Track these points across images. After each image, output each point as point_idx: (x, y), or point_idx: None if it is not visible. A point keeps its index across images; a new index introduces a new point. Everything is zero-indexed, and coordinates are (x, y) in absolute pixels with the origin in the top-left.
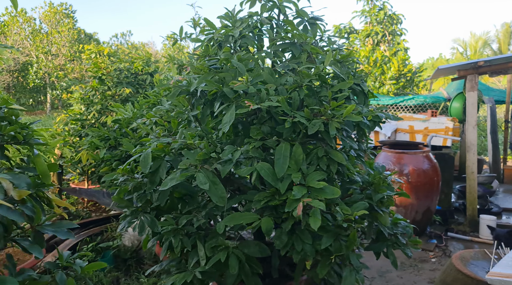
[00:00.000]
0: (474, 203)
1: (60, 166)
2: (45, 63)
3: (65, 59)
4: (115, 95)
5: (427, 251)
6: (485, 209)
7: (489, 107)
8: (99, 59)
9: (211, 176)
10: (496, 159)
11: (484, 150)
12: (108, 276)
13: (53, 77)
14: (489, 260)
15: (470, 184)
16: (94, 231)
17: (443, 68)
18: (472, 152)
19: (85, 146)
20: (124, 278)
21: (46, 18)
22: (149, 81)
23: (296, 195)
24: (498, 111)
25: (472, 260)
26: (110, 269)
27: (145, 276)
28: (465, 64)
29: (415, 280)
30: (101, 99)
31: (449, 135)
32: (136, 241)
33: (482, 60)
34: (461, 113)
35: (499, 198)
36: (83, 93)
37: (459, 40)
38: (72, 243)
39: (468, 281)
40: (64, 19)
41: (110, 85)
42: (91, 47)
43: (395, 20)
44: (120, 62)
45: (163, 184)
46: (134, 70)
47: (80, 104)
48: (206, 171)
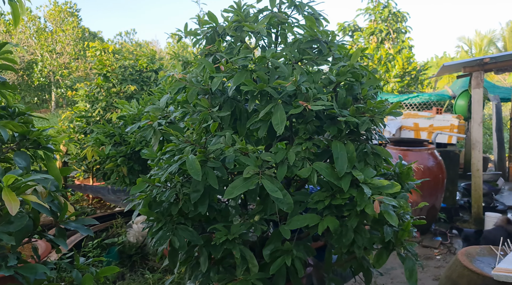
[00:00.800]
0: (480, 201)
1: (65, 163)
2: (50, 61)
3: (70, 58)
4: (120, 92)
5: (432, 248)
6: (490, 206)
7: (495, 104)
8: (104, 56)
9: (276, 182)
10: (501, 157)
11: (489, 148)
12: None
13: (58, 76)
14: (495, 256)
15: (475, 181)
16: (99, 227)
17: (449, 65)
18: (478, 149)
19: (90, 143)
20: (129, 274)
21: (50, 16)
22: (154, 78)
23: (367, 193)
24: (504, 109)
25: (478, 256)
26: (115, 264)
27: (150, 272)
28: (471, 61)
29: (420, 277)
30: (106, 96)
31: (454, 132)
32: (141, 237)
33: (488, 57)
34: (466, 110)
35: (505, 196)
36: (88, 90)
37: (464, 38)
38: (78, 239)
39: (474, 277)
40: (68, 18)
41: (114, 82)
42: (96, 44)
43: (399, 18)
44: (125, 59)
45: (227, 193)
46: (138, 67)
47: (85, 102)
48: (269, 178)
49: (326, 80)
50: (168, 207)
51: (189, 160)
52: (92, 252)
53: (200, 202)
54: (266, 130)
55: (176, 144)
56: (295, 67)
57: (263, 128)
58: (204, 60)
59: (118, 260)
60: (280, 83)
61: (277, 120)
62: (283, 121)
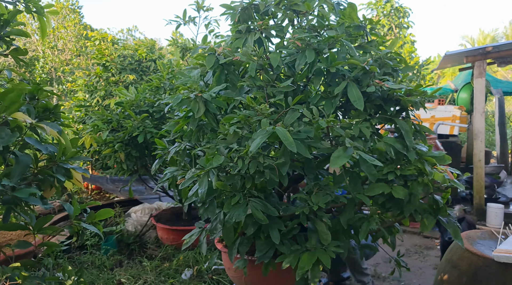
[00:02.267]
0: (481, 192)
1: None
2: (52, 58)
3: (71, 54)
4: (119, 81)
5: (433, 238)
6: (493, 198)
7: (497, 98)
8: (103, 46)
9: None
10: (504, 151)
11: (491, 144)
12: (111, 259)
13: (59, 72)
14: (496, 240)
15: (477, 172)
16: None
17: (451, 53)
18: (480, 139)
19: (88, 130)
20: (127, 261)
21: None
22: (153, 68)
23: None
24: (508, 105)
25: (478, 240)
26: (113, 252)
27: (148, 260)
28: (473, 50)
29: (421, 266)
30: (105, 86)
31: (456, 123)
32: (139, 226)
33: (490, 46)
34: (468, 103)
35: (507, 189)
36: (87, 80)
37: (467, 37)
38: None
39: (475, 258)
40: (70, 15)
41: (113, 71)
42: (95, 33)
43: (401, 13)
44: (124, 49)
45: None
46: (138, 57)
47: (84, 92)
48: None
49: (376, 63)
50: (241, 181)
51: (280, 132)
52: (90, 240)
53: (281, 174)
54: (362, 106)
55: (243, 116)
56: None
57: (355, 103)
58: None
59: (116, 248)
60: (353, 62)
61: (354, 97)
62: (360, 98)
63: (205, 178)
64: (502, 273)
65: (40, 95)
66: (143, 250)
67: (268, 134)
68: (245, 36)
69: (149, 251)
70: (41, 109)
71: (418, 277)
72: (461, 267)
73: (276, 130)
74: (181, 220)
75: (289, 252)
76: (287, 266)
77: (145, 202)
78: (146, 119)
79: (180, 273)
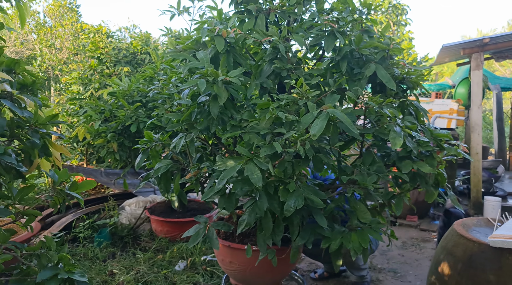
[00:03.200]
0: (479, 185)
1: None
2: (49, 56)
3: (69, 53)
4: (113, 74)
5: (429, 231)
6: (490, 192)
7: (495, 94)
8: (98, 38)
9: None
10: (502, 146)
11: (489, 142)
12: (104, 252)
13: (57, 71)
14: (492, 227)
15: (474, 165)
16: (91, 209)
17: (448, 45)
18: (477, 132)
19: (81, 121)
20: (120, 253)
21: (50, 11)
22: (148, 61)
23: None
24: (507, 102)
25: (474, 227)
26: (107, 245)
27: (141, 252)
28: (471, 42)
29: (417, 258)
30: (99, 78)
31: (453, 116)
32: (133, 219)
33: (487, 37)
34: (466, 98)
35: (505, 183)
36: (81, 73)
37: (466, 37)
38: (69, 220)
39: (470, 244)
40: (68, 13)
41: (108, 64)
42: (90, 26)
43: (399, 10)
44: (119, 41)
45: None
46: (132, 49)
47: (78, 85)
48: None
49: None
50: (292, 167)
51: (338, 113)
52: (83, 232)
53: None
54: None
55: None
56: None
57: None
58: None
59: (109, 241)
60: (378, 45)
61: (385, 78)
62: (390, 79)
63: (255, 167)
64: (497, 258)
65: (17, 69)
66: (137, 242)
67: (326, 116)
68: (253, 17)
69: (143, 243)
70: (19, 85)
71: (414, 269)
72: (456, 253)
73: (334, 112)
74: (175, 212)
75: (333, 235)
76: (336, 248)
77: (139, 195)
78: (139, 108)
79: (174, 264)
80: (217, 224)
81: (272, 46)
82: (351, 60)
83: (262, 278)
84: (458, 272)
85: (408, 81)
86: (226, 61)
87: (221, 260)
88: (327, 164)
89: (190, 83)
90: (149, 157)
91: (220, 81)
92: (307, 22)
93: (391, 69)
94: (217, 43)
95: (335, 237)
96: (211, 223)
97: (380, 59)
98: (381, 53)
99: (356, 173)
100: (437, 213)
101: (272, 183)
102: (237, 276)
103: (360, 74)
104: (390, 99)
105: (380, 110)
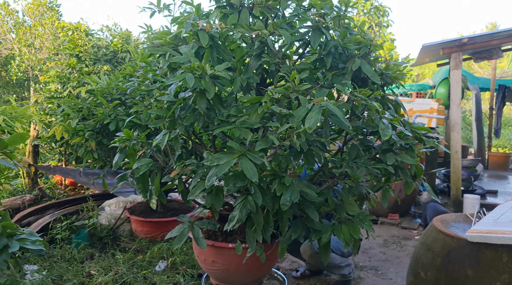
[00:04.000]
0: (458, 183)
1: (36, 146)
2: (28, 56)
3: (49, 53)
4: (92, 72)
5: (411, 229)
6: (469, 190)
7: (474, 94)
8: (76, 36)
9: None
10: (480, 146)
11: (469, 142)
12: (82, 253)
13: (36, 71)
14: (470, 223)
15: (454, 163)
16: (70, 210)
17: (428, 45)
18: (457, 131)
19: (58, 119)
20: (99, 254)
21: (29, 10)
22: (129, 59)
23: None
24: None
25: (453, 223)
26: (85, 246)
27: (121, 253)
28: (450, 42)
29: (398, 255)
30: (78, 77)
31: (434, 115)
32: (113, 219)
33: (466, 37)
34: (446, 98)
35: (484, 182)
36: (59, 71)
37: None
38: (46, 222)
39: (448, 240)
40: (48, 12)
41: (87, 63)
42: (68, 24)
43: (381, 12)
44: (99, 39)
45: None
46: (112, 47)
47: (57, 83)
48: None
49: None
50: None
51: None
52: (60, 234)
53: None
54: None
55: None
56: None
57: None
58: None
59: (88, 242)
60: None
61: (369, 73)
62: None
63: (248, 162)
64: (475, 253)
65: None
66: (117, 243)
67: (320, 109)
68: (237, 11)
69: (122, 244)
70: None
71: (395, 266)
72: (435, 249)
73: (327, 105)
74: (156, 212)
75: (324, 228)
76: (326, 241)
77: (120, 196)
78: (118, 106)
79: (154, 265)
80: (202, 223)
81: (260, 40)
82: (335, 55)
83: (245, 276)
84: (437, 267)
85: (386, 76)
86: (210, 56)
87: (203, 260)
88: (318, 158)
89: (177, 78)
90: (127, 156)
91: (207, 76)
92: (291, 17)
93: (373, 64)
94: (201, 37)
95: (326, 229)
96: (196, 222)
97: (364, 55)
98: (364, 49)
99: (344, 166)
100: (418, 212)
101: (264, 177)
102: (219, 276)
103: (345, 69)
104: (379, 92)
105: (367, 103)
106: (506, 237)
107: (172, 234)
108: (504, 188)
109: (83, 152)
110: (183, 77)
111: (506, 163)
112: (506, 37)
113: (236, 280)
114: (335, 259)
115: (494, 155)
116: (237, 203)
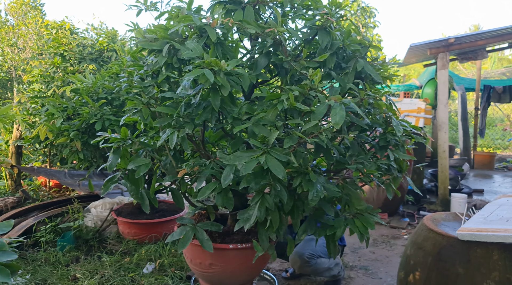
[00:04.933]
0: (446, 182)
1: (19, 147)
2: (11, 56)
3: (33, 53)
4: (77, 71)
5: (399, 228)
6: (456, 189)
7: (460, 95)
8: (61, 34)
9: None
10: (466, 145)
11: (455, 142)
12: (67, 256)
13: (20, 71)
14: (460, 221)
15: (441, 163)
16: (54, 212)
17: (415, 45)
18: (444, 130)
19: (42, 119)
20: (85, 257)
21: (12, 9)
22: (115, 58)
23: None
24: (471, 104)
25: (443, 221)
26: (70, 248)
27: (107, 255)
28: (436, 42)
29: (387, 255)
30: (63, 76)
31: (421, 115)
32: (99, 221)
33: (452, 37)
34: (433, 98)
35: (470, 181)
36: (43, 70)
37: None
38: (29, 224)
39: (439, 238)
40: (31, 11)
41: (72, 62)
42: (52, 22)
43: (368, 13)
44: (84, 38)
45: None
46: (98, 46)
47: (41, 83)
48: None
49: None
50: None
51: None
52: (45, 236)
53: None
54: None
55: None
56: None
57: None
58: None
59: (73, 244)
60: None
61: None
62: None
63: (274, 160)
64: (465, 251)
65: None
66: (103, 245)
67: (343, 106)
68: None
69: (109, 246)
70: None
71: (385, 265)
72: (425, 247)
73: (348, 102)
74: (143, 214)
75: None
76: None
77: (106, 197)
78: (105, 105)
79: (141, 267)
80: (206, 224)
81: (272, 38)
82: (339, 55)
83: (239, 277)
84: (428, 265)
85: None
86: (216, 53)
87: (198, 263)
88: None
89: (193, 73)
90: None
91: (222, 72)
92: (295, 16)
93: (372, 64)
94: (209, 32)
95: (339, 224)
96: (199, 224)
97: (364, 55)
98: (365, 49)
99: (352, 162)
100: (406, 211)
101: (288, 174)
102: (213, 278)
103: (347, 68)
104: (388, 91)
105: (375, 101)
106: (497, 235)
107: (173, 237)
108: (490, 187)
109: (68, 152)
110: (200, 72)
111: (492, 163)
112: (491, 37)
113: (230, 282)
114: (324, 263)
115: (480, 155)
116: (254, 202)
